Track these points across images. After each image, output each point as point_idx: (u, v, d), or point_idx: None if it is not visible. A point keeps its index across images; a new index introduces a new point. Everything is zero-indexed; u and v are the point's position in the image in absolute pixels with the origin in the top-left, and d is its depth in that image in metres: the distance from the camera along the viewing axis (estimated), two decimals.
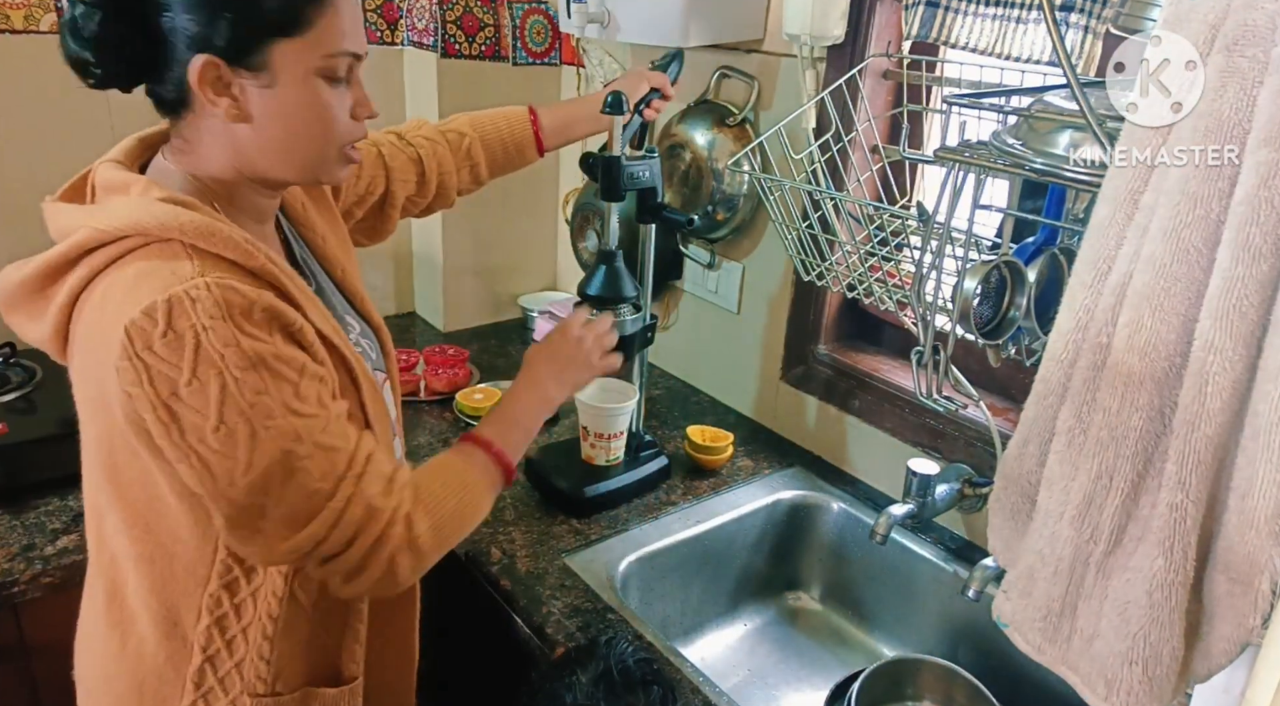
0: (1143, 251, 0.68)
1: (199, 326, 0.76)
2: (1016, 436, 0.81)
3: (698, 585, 1.44)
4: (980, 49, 1.21)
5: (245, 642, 0.93)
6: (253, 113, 0.85)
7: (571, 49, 1.99)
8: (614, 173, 1.28)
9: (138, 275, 0.79)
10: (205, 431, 0.77)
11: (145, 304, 0.76)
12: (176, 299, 0.76)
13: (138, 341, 0.76)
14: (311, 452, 0.81)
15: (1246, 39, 0.63)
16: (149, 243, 0.81)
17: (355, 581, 0.86)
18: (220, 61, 0.81)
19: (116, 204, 0.83)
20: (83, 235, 0.81)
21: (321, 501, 0.81)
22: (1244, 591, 0.67)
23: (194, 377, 0.76)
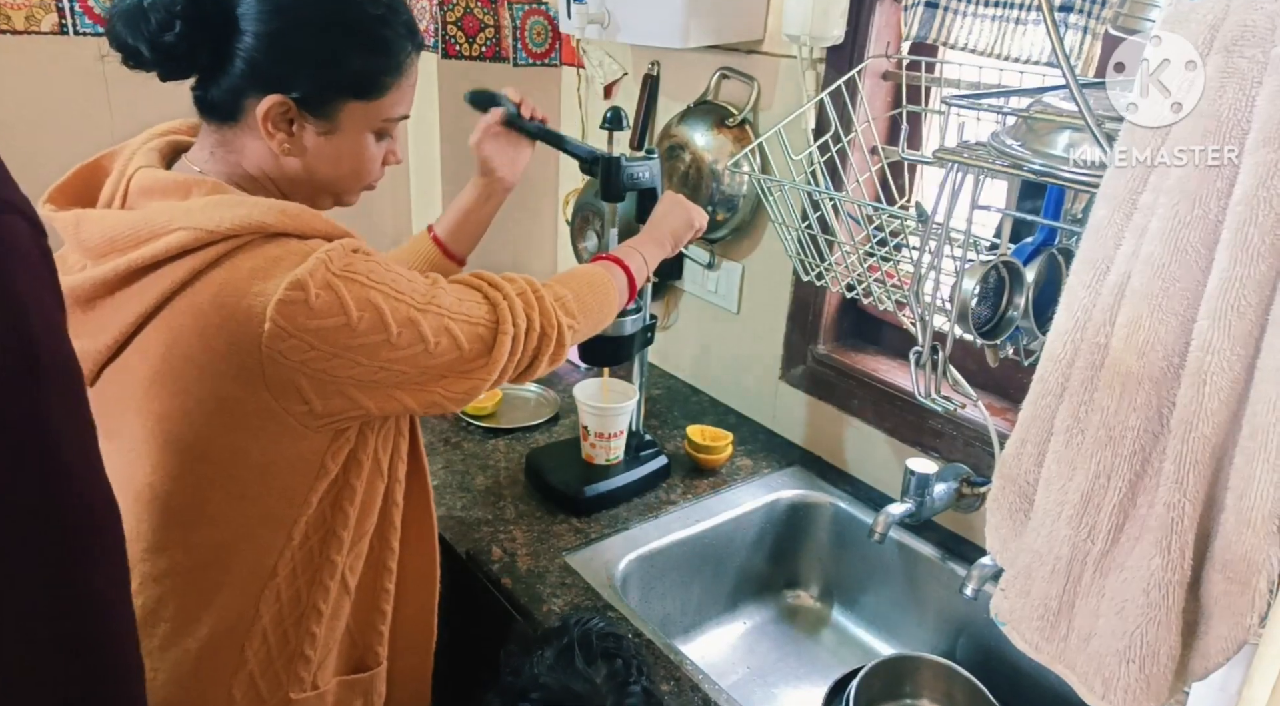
0: (1141, 251, 0.69)
1: (339, 273, 0.83)
2: (1014, 436, 0.81)
3: (697, 583, 1.44)
4: (979, 50, 1.21)
5: (296, 635, 0.95)
6: (304, 150, 0.91)
7: (572, 50, 1.99)
8: (614, 173, 1.29)
9: (260, 267, 0.83)
10: (392, 342, 0.85)
11: (287, 282, 0.81)
12: (316, 264, 0.82)
13: (296, 316, 0.81)
14: (460, 298, 0.92)
15: (1246, 39, 0.63)
16: (253, 240, 0.84)
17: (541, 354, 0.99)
18: (291, 104, 0.88)
19: (215, 203, 0.85)
20: (185, 236, 0.82)
21: (492, 317, 0.94)
22: (1241, 590, 0.67)
23: (361, 312, 0.84)
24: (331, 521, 0.95)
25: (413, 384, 0.89)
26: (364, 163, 0.96)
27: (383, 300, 0.85)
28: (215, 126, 0.91)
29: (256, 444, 0.87)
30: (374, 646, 1.05)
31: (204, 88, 0.89)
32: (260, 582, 0.92)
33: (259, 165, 0.92)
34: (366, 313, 0.84)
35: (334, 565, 0.96)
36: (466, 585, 1.30)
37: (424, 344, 0.87)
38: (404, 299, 0.87)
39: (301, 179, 0.94)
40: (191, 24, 0.84)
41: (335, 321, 0.82)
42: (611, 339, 1.38)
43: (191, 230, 0.82)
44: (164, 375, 0.86)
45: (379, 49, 0.90)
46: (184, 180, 0.88)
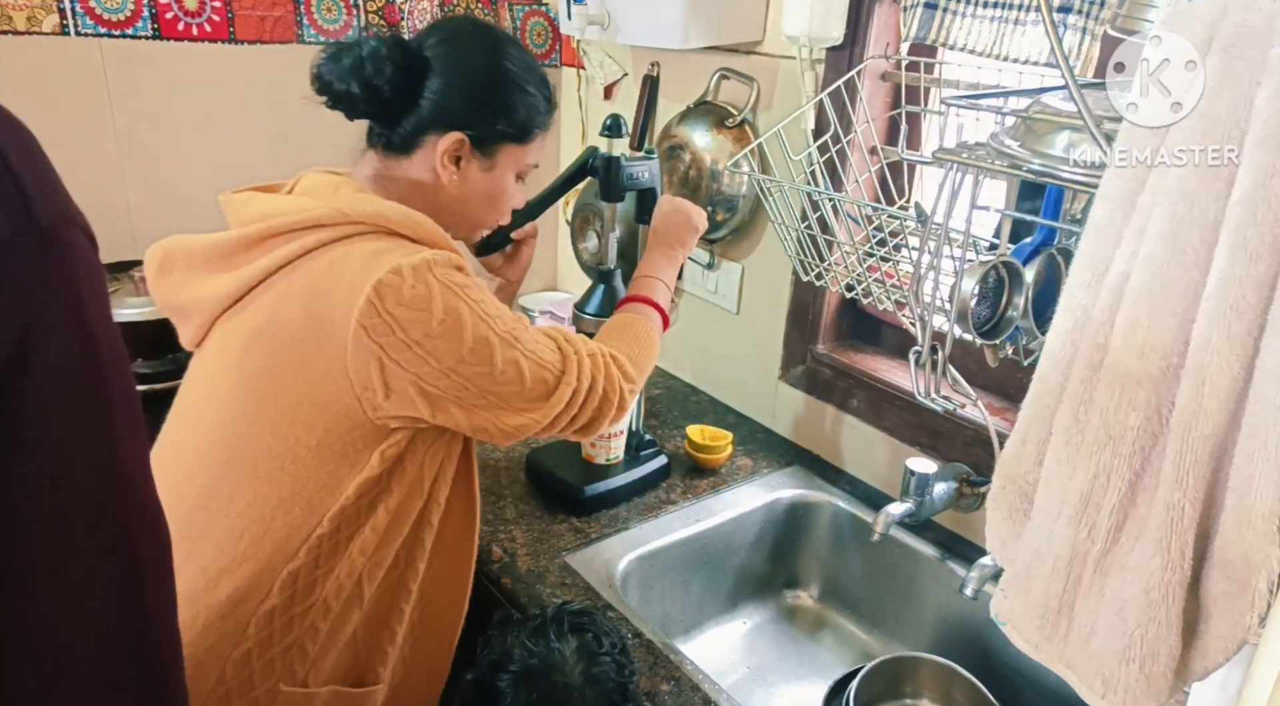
0: (1140, 251, 0.69)
1: (439, 277, 0.92)
2: (1014, 435, 0.81)
3: (697, 583, 1.44)
4: (978, 50, 1.21)
5: (300, 624, 0.97)
6: (465, 183, 1.07)
7: (572, 50, 1.99)
8: (614, 173, 1.29)
9: (375, 251, 0.93)
10: (462, 353, 0.92)
11: (391, 265, 0.90)
12: (421, 261, 0.91)
13: (389, 298, 0.89)
14: (535, 338, 0.99)
15: (1244, 40, 0.63)
16: (377, 231, 0.95)
17: (599, 421, 1.05)
18: (467, 142, 1.04)
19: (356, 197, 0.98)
20: (323, 211, 0.94)
21: (559, 366, 1.00)
22: (1241, 590, 0.67)
23: (445, 315, 0.91)
24: (363, 518, 0.98)
25: (470, 403, 0.95)
26: (505, 199, 1.12)
27: (467, 313, 0.93)
28: (381, 157, 1.06)
29: (321, 418, 0.94)
30: (376, 665, 1.05)
31: (390, 124, 1.04)
32: (282, 561, 0.95)
33: (419, 195, 1.05)
34: (449, 317, 0.91)
35: (353, 563, 0.98)
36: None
37: (491, 366, 0.94)
38: (486, 320, 0.94)
39: (451, 209, 1.07)
40: (400, 72, 1.00)
41: (420, 315, 0.90)
42: None
43: (329, 209, 0.94)
44: (265, 332, 0.95)
45: (536, 102, 1.07)
46: (338, 180, 1.03)
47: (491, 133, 1.05)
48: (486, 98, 1.04)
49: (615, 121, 1.30)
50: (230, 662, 0.95)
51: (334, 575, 0.97)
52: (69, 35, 1.55)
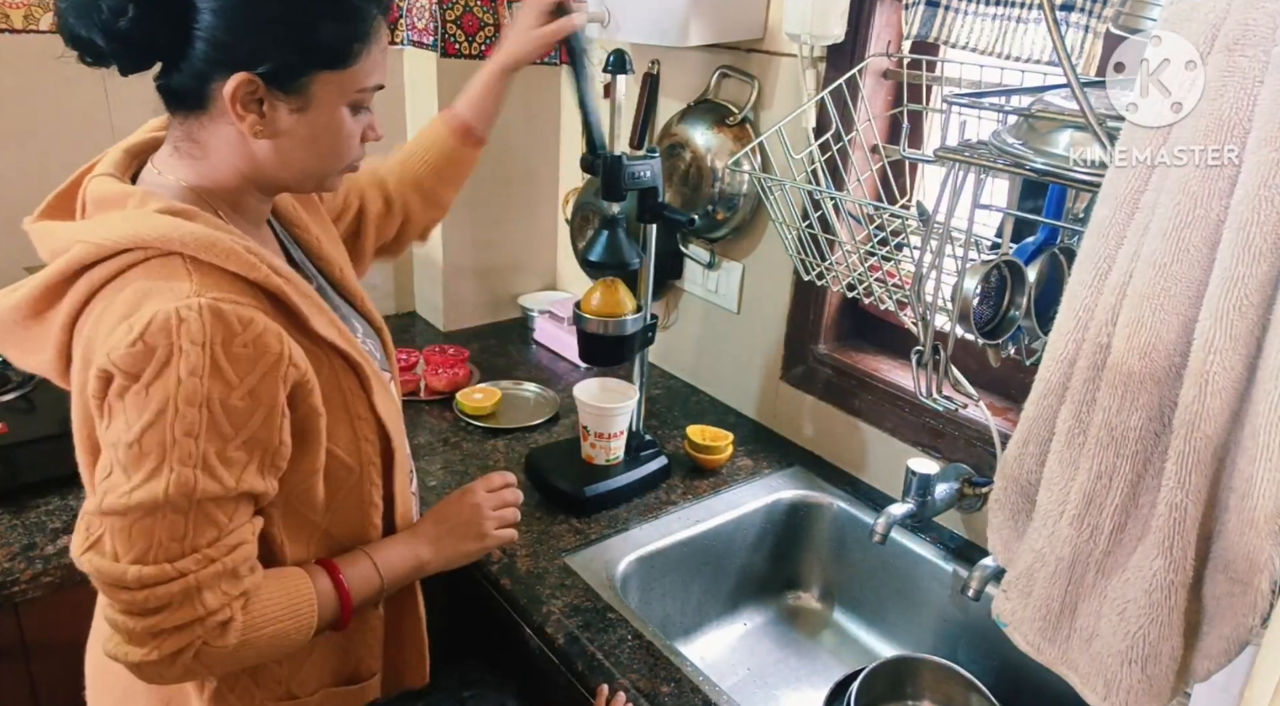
0: (1143, 251, 0.68)
1: (175, 346, 0.76)
2: (1016, 436, 0.81)
3: (698, 584, 1.44)
4: (980, 49, 1.21)
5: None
6: (278, 131, 0.85)
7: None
8: (615, 172, 1.28)
9: (137, 294, 0.78)
10: (121, 440, 0.77)
11: (133, 318, 0.76)
12: (163, 315, 0.76)
13: (114, 350, 0.76)
14: (189, 510, 0.79)
15: (1247, 38, 0.63)
16: (149, 257, 0.80)
17: (130, 648, 0.80)
18: (259, 82, 0.82)
19: (114, 218, 0.82)
20: (79, 250, 0.80)
21: (160, 556, 0.78)
22: (1243, 591, 0.67)
23: (144, 389, 0.76)
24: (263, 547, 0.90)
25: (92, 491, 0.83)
26: (342, 140, 0.89)
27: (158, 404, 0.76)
28: (182, 119, 0.87)
29: None
30: (365, 659, 1.03)
31: (166, 76, 0.84)
32: None
33: (228, 158, 0.87)
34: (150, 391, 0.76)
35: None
36: (465, 586, 1.30)
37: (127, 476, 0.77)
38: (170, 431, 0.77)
39: (276, 165, 0.88)
40: (144, 6, 0.78)
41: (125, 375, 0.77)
42: (612, 339, 1.38)
43: (87, 244, 0.80)
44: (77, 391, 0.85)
45: (344, 14, 0.84)
46: (121, 190, 0.84)
47: (289, 64, 0.82)
48: (271, 21, 0.81)
49: (620, 56, 1.26)
50: (206, 700, 0.92)
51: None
52: None
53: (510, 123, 2.01)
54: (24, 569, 1.20)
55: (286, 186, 0.92)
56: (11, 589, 1.18)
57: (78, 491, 1.36)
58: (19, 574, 1.19)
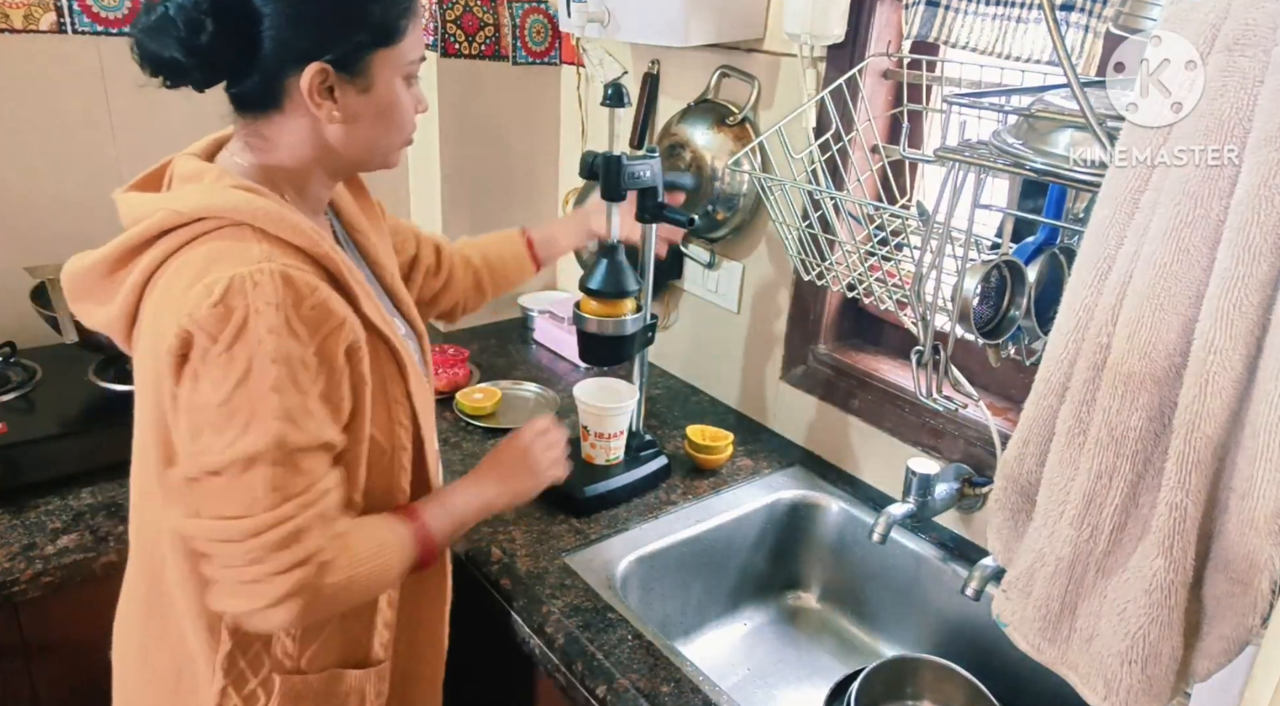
0: (1143, 251, 0.68)
1: (250, 307, 0.81)
2: (1016, 436, 0.81)
3: (697, 584, 1.44)
4: (980, 48, 1.21)
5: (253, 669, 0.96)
6: (350, 115, 0.93)
7: (571, 48, 1.99)
8: (615, 172, 1.28)
9: (209, 255, 0.85)
10: (212, 402, 0.82)
11: (208, 279, 0.82)
12: (239, 279, 0.82)
13: (195, 311, 0.81)
14: (282, 461, 0.84)
15: (1247, 38, 0.63)
16: (221, 226, 0.86)
17: (238, 599, 0.85)
18: (330, 69, 0.89)
19: (192, 189, 0.89)
20: (160, 217, 0.87)
21: (261, 507, 0.83)
22: (1243, 591, 0.67)
23: (227, 350, 0.81)
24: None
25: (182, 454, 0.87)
26: (403, 113, 0.97)
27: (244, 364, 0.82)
28: (252, 119, 0.93)
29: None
30: (373, 645, 1.05)
31: (239, 83, 0.91)
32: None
33: (297, 147, 0.94)
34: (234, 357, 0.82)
35: None
36: (465, 586, 1.30)
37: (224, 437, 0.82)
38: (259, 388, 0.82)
39: (347, 146, 0.95)
40: (219, 19, 0.85)
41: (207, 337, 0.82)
42: (611, 338, 1.38)
43: (167, 211, 0.87)
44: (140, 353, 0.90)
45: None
46: (200, 166, 0.92)
47: (352, 48, 0.90)
48: (328, 10, 0.89)
49: (617, 90, 1.27)
50: (218, 666, 0.96)
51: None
52: (66, 33, 1.55)
53: (510, 123, 2.01)
54: (24, 569, 1.20)
55: (356, 165, 1.00)
56: (11, 589, 1.18)
57: (77, 491, 1.36)
58: (19, 574, 1.19)
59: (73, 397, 1.47)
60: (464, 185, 1.99)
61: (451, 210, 1.98)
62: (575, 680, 1.11)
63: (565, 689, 1.13)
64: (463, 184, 1.98)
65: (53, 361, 1.54)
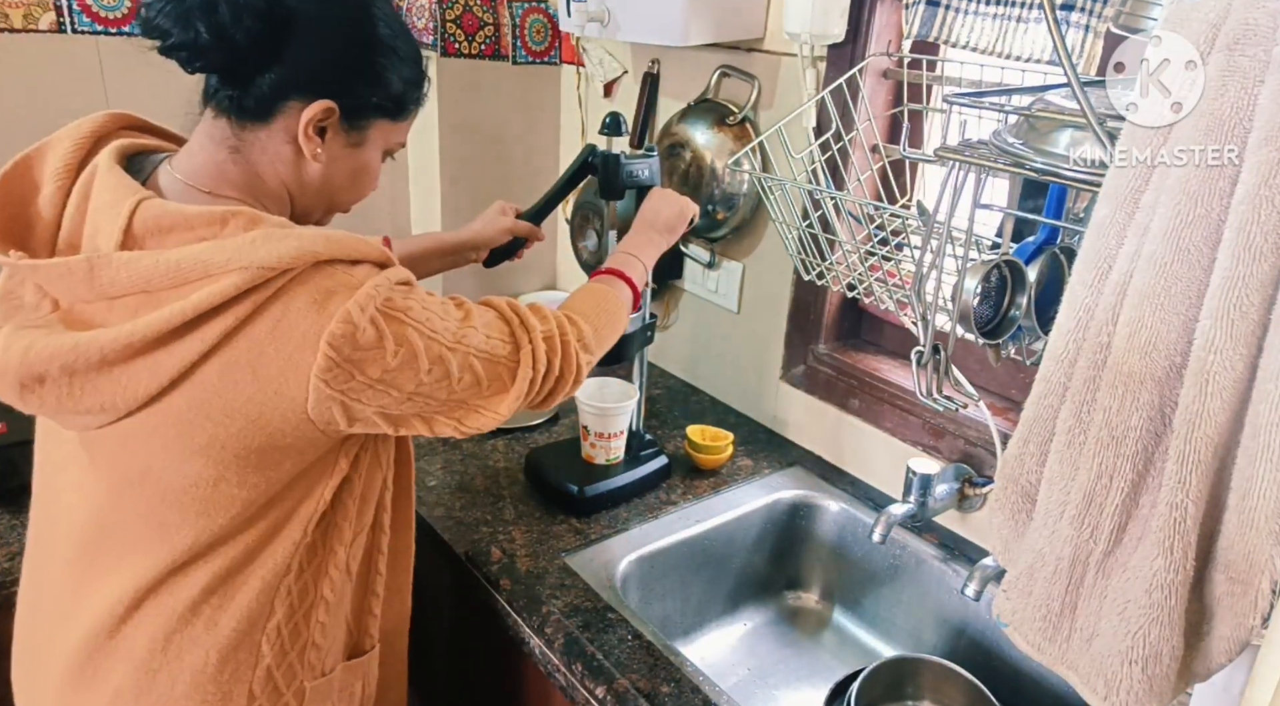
0: (1143, 250, 0.68)
1: (381, 307, 0.86)
2: (1016, 436, 0.81)
3: (698, 584, 1.44)
4: (981, 48, 1.21)
5: (306, 627, 0.99)
6: (330, 159, 0.94)
7: (571, 48, 1.99)
8: (613, 171, 1.28)
9: (316, 298, 0.84)
10: (420, 377, 0.89)
11: (339, 314, 0.83)
12: (365, 299, 0.84)
13: (346, 347, 0.84)
14: (488, 335, 0.94)
15: (1248, 38, 0.63)
16: (304, 270, 0.84)
17: (553, 399, 1.02)
18: (337, 111, 0.90)
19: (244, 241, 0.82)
20: (248, 276, 0.81)
21: (515, 357, 0.95)
22: (1244, 591, 0.67)
23: (398, 348, 0.86)
24: (334, 514, 0.98)
25: (432, 414, 0.93)
26: (371, 179, 1.00)
27: (418, 338, 0.88)
28: (235, 127, 0.90)
29: (287, 457, 0.90)
30: (369, 629, 1.09)
31: (242, 86, 0.88)
32: (277, 579, 0.95)
33: (277, 172, 0.92)
34: (403, 348, 0.87)
35: (337, 554, 0.99)
36: (465, 586, 1.30)
37: (448, 380, 0.91)
38: (437, 338, 0.89)
39: (314, 188, 0.95)
40: (263, 21, 0.84)
41: (375, 354, 0.85)
42: None
43: (253, 269, 0.81)
44: (209, 403, 0.85)
45: (413, 76, 0.96)
46: (219, 213, 0.84)
47: (365, 104, 0.92)
48: (360, 63, 0.91)
49: (614, 119, 1.29)
50: (255, 682, 0.97)
51: (325, 573, 0.99)
52: (65, 33, 1.55)
53: (510, 122, 2.01)
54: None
55: (306, 210, 0.99)
56: (10, 589, 1.18)
57: None
58: (18, 573, 1.19)
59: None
60: (464, 184, 1.99)
61: (451, 210, 1.98)
62: (575, 680, 1.11)
63: (565, 689, 1.13)
64: (462, 183, 1.98)
65: None
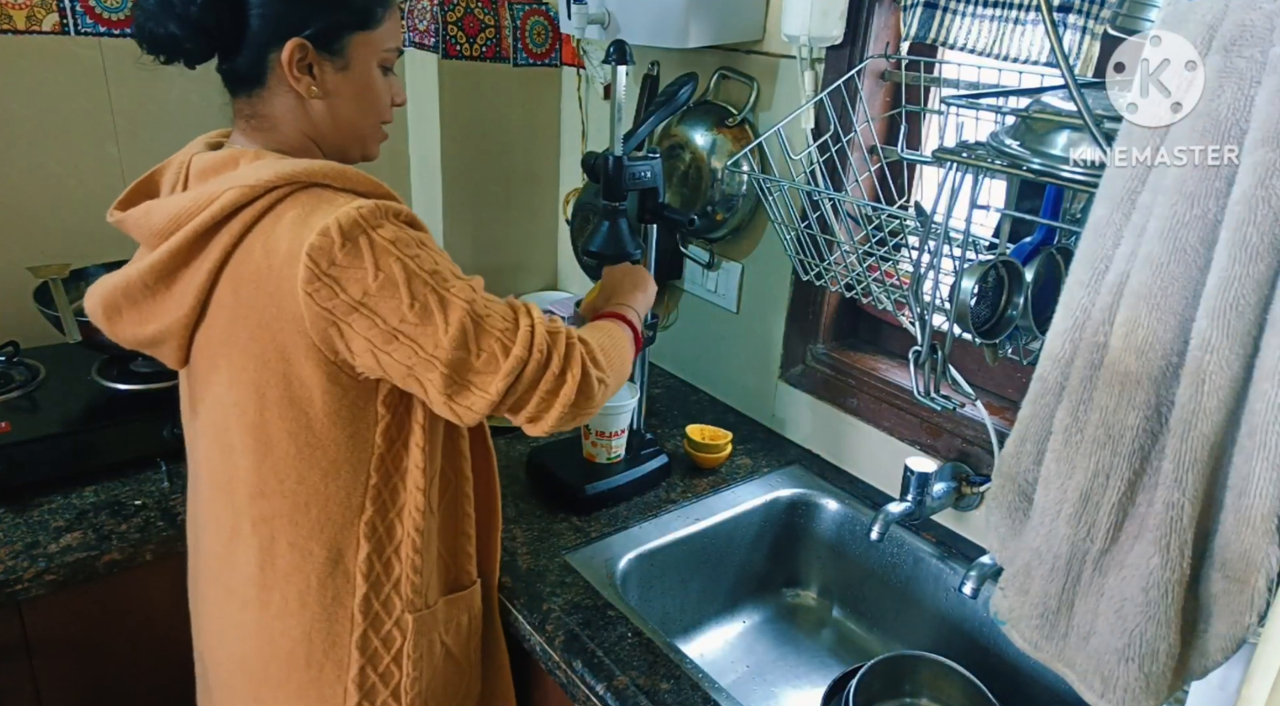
0: (1140, 251, 0.69)
1: (369, 230, 0.89)
2: (1014, 435, 0.81)
3: (697, 582, 1.44)
4: (978, 50, 1.21)
5: (399, 561, 1.05)
6: (328, 91, 0.98)
7: (572, 50, 1.99)
8: (615, 172, 1.29)
9: (302, 213, 0.89)
10: (404, 311, 0.89)
11: (319, 226, 0.87)
12: (345, 215, 0.88)
13: (323, 260, 0.87)
14: (488, 300, 0.95)
15: (1244, 39, 0.63)
16: (294, 191, 0.91)
17: (554, 400, 0.97)
18: (309, 45, 0.94)
19: (245, 169, 0.92)
20: (233, 195, 0.90)
21: (512, 333, 0.94)
22: (1240, 589, 0.68)
23: (378, 270, 0.88)
24: (402, 458, 1.03)
25: (423, 369, 0.92)
26: (377, 96, 1.02)
27: (400, 269, 0.89)
28: (245, 99, 0.98)
29: (316, 391, 0.95)
30: (465, 565, 1.15)
31: (230, 58, 0.96)
32: (353, 517, 1.01)
33: (293, 124, 0.99)
34: (383, 274, 0.89)
35: (415, 497, 1.04)
36: None
37: (433, 325, 0.90)
38: (423, 276, 0.91)
39: (328, 126, 1.00)
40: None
41: (356, 273, 0.88)
42: None
43: (241, 187, 0.90)
44: (236, 325, 0.94)
45: None
46: (232, 153, 0.95)
47: (329, 26, 0.95)
48: None
49: (620, 46, 1.26)
50: (356, 608, 1.03)
51: (406, 512, 1.04)
52: (69, 34, 1.56)
53: (510, 123, 2.02)
54: (27, 567, 1.20)
55: (340, 150, 1.03)
56: (14, 587, 1.19)
57: (80, 490, 1.37)
58: (22, 572, 1.19)
59: (75, 397, 1.47)
60: (465, 186, 1.99)
61: (452, 211, 1.99)
62: (575, 677, 1.12)
63: (565, 686, 1.14)
64: (464, 185, 1.99)
65: (56, 360, 1.54)
